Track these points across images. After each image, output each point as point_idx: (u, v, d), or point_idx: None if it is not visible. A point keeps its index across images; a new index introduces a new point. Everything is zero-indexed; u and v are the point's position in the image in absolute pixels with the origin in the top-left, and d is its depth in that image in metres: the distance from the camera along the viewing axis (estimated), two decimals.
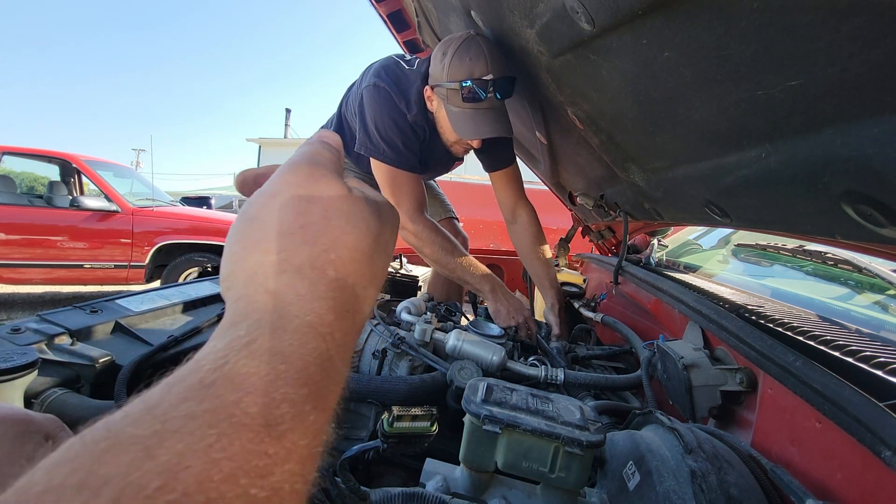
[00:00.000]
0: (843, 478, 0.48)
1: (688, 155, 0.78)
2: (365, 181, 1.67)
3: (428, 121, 1.32)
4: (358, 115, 1.33)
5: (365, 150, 1.33)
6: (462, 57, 1.15)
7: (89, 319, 0.81)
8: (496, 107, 1.21)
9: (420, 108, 1.29)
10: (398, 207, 1.29)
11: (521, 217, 1.51)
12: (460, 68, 1.15)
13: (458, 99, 1.18)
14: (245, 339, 0.20)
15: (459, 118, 1.22)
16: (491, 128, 1.21)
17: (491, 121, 1.21)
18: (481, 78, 1.14)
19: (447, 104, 1.22)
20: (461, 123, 1.22)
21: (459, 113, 1.21)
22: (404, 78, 1.30)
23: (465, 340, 0.90)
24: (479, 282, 1.31)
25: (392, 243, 0.31)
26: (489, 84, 1.15)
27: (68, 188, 4.47)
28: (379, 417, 0.72)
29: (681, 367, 0.73)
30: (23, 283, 4.03)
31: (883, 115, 0.41)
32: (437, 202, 1.85)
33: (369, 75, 1.31)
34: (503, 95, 1.19)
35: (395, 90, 1.28)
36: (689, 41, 0.53)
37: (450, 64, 1.16)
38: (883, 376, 0.54)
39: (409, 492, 0.53)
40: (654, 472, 0.52)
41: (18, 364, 0.57)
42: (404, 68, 1.31)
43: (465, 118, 1.21)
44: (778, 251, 1.29)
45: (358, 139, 1.34)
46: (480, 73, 1.14)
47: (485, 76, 1.14)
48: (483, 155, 1.49)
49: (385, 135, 1.29)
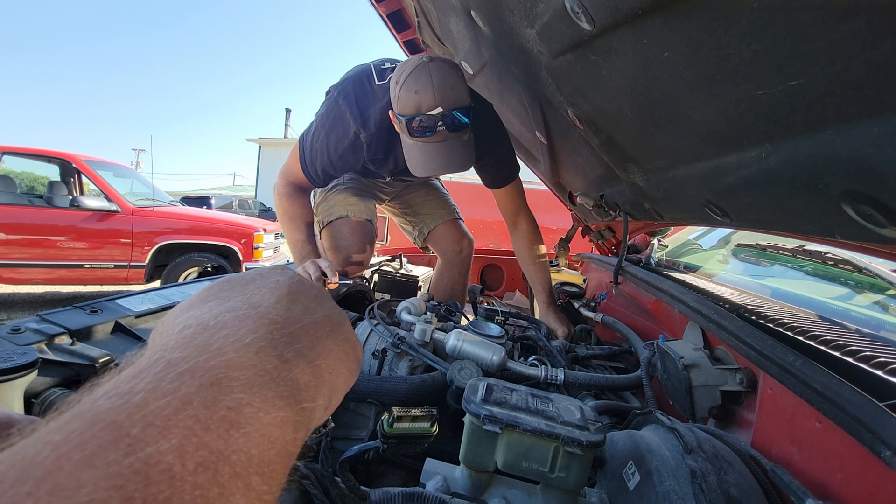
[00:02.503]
0: (843, 478, 0.48)
1: (688, 155, 0.78)
2: (365, 183, 1.67)
3: (391, 134, 1.28)
4: (316, 115, 1.34)
5: (300, 140, 1.35)
6: (409, 89, 1.09)
7: (89, 319, 0.81)
8: (450, 139, 1.14)
9: (379, 126, 1.25)
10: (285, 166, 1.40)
11: (521, 225, 1.51)
12: (407, 102, 1.10)
13: (408, 133, 1.15)
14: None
15: (411, 151, 1.18)
16: (440, 164, 1.16)
17: (442, 155, 1.15)
18: (427, 113, 1.09)
19: (402, 134, 1.19)
20: (412, 157, 1.19)
21: (411, 146, 1.17)
22: (370, 95, 1.27)
23: (465, 340, 0.90)
24: (294, 247, 1.39)
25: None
26: (436, 119, 1.10)
27: (68, 188, 4.47)
28: (379, 417, 0.72)
29: (681, 367, 0.73)
30: (23, 283, 4.03)
31: (883, 115, 0.41)
32: (442, 203, 1.83)
33: (337, 87, 1.30)
34: (454, 129, 1.12)
35: (354, 108, 1.25)
36: (689, 41, 0.53)
37: (398, 96, 1.12)
38: (883, 376, 0.54)
39: (409, 492, 0.53)
40: (654, 472, 0.52)
41: (18, 364, 0.57)
42: (374, 83, 1.28)
43: (415, 152, 1.17)
44: (778, 251, 1.29)
45: (306, 129, 1.36)
46: (427, 108, 1.08)
47: (432, 111, 1.09)
48: (484, 174, 1.47)
49: (313, 147, 1.30)
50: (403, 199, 1.84)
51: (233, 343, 0.22)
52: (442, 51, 1.68)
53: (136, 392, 0.17)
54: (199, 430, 0.17)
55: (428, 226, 1.79)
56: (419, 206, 1.82)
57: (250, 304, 0.26)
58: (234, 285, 0.28)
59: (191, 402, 0.18)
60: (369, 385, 0.80)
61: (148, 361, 0.19)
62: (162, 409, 0.17)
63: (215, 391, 0.19)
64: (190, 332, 0.22)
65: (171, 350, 0.20)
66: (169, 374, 0.19)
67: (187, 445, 0.16)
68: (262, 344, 0.23)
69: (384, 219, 3.80)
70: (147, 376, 0.18)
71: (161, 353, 0.20)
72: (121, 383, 0.18)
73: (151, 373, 0.19)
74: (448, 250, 1.78)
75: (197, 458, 0.16)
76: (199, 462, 0.16)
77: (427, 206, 1.81)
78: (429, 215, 1.80)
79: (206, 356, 0.20)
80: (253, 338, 0.23)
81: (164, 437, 0.16)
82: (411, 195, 1.84)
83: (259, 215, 13.70)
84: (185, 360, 0.19)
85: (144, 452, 0.15)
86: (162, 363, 0.19)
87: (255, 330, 0.23)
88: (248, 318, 0.24)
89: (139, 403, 0.17)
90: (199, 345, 0.21)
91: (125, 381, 0.18)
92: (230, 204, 15.15)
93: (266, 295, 0.27)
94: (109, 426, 0.16)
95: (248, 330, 0.23)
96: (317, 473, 0.50)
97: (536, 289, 1.49)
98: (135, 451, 0.15)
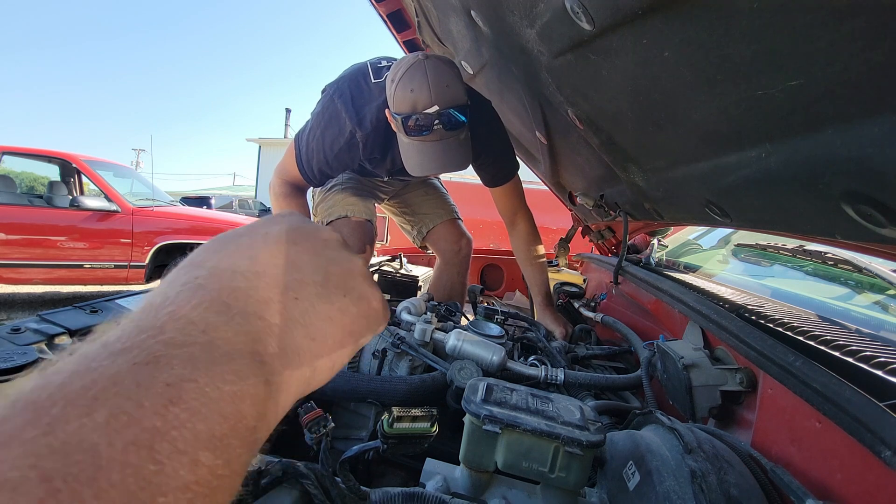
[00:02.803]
0: (843, 478, 0.48)
1: (688, 155, 0.78)
2: (364, 183, 1.67)
3: (388, 133, 1.27)
4: (312, 113, 1.33)
5: (296, 139, 1.33)
6: (405, 87, 1.07)
7: (89, 319, 0.81)
8: (446, 138, 1.13)
9: (376, 125, 1.24)
10: (281, 164, 1.39)
11: (519, 225, 1.51)
12: (403, 101, 1.09)
13: (404, 133, 1.13)
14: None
15: (407, 150, 1.17)
16: (437, 164, 1.15)
17: (439, 154, 1.14)
18: (424, 112, 1.07)
19: (398, 133, 1.17)
20: (408, 157, 1.17)
21: (408, 145, 1.16)
22: (366, 94, 1.26)
23: (465, 340, 0.90)
24: None
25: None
26: (432, 118, 1.08)
27: (68, 188, 4.47)
28: (379, 417, 0.72)
29: (681, 367, 0.73)
30: (23, 283, 4.03)
31: (883, 115, 0.41)
32: (441, 202, 1.83)
33: (333, 86, 1.30)
34: (451, 127, 1.11)
35: (350, 107, 1.24)
36: (689, 41, 0.53)
37: (394, 95, 1.10)
38: (883, 376, 0.54)
39: (409, 492, 0.53)
40: (654, 472, 0.52)
41: (18, 364, 0.57)
42: (370, 81, 1.27)
43: (412, 151, 1.16)
44: (778, 251, 1.30)
45: (301, 128, 1.35)
46: (423, 106, 1.07)
47: (427, 109, 1.07)
48: (482, 172, 1.46)
49: (309, 146, 1.29)
50: (403, 199, 1.84)
51: (177, 320, 0.21)
52: (442, 50, 1.68)
53: (62, 372, 0.17)
54: (130, 407, 0.16)
55: (427, 225, 1.79)
56: (418, 205, 1.82)
57: (213, 271, 0.24)
58: (218, 244, 0.26)
59: (121, 381, 0.17)
60: (369, 385, 0.80)
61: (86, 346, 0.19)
62: (87, 388, 0.16)
63: (151, 369, 0.18)
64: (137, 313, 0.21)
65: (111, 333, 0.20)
66: (101, 355, 0.18)
67: (115, 424, 0.16)
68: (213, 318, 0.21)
69: (384, 219, 3.80)
70: (77, 358, 0.18)
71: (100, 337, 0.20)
72: (49, 367, 0.18)
73: (82, 354, 0.18)
74: (447, 250, 1.78)
75: (127, 436, 0.16)
76: (130, 440, 0.16)
77: (426, 206, 1.81)
78: (427, 215, 1.80)
79: (146, 336, 0.19)
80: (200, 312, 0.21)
81: (88, 415, 0.16)
82: (410, 194, 1.83)
83: (259, 215, 13.69)
84: (120, 341, 0.19)
85: (64, 431, 0.15)
86: (97, 345, 0.19)
87: (207, 303, 0.22)
88: (202, 290, 0.22)
89: (62, 383, 0.17)
90: (140, 325, 0.20)
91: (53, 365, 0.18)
92: (230, 204, 15.16)
93: (240, 256, 0.25)
94: (29, 406, 0.16)
95: (198, 303, 0.22)
96: (317, 473, 0.50)
97: (534, 290, 1.49)
98: (53, 430, 0.15)
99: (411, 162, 1.18)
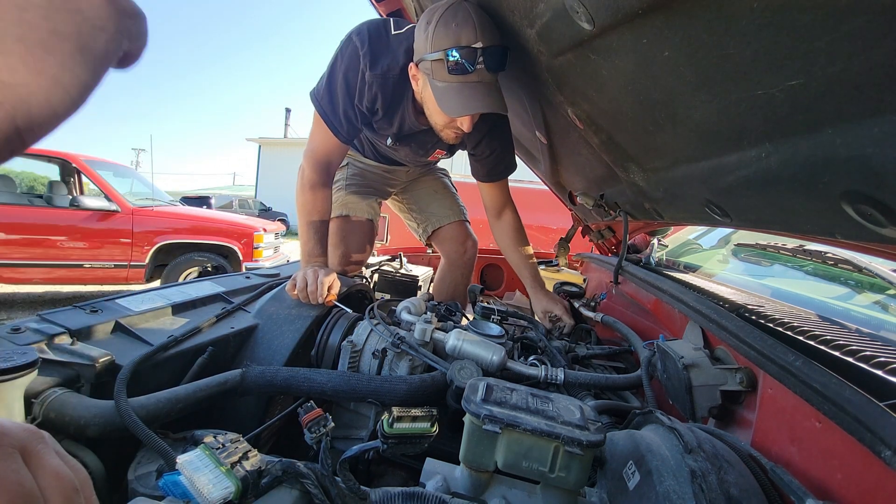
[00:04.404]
0: (843, 477, 0.48)
1: (688, 155, 0.78)
2: (368, 178, 1.66)
3: (398, 90, 1.23)
4: (328, 64, 1.27)
5: (314, 98, 1.28)
6: (447, 23, 1.02)
7: (89, 319, 0.81)
8: (487, 81, 1.07)
9: (386, 73, 1.18)
10: (308, 145, 1.31)
11: (506, 216, 1.51)
12: (445, 36, 1.02)
13: (444, 72, 1.05)
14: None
15: (445, 94, 1.08)
16: (481, 103, 1.07)
17: (481, 95, 1.07)
18: (469, 46, 1.01)
19: (432, 79, 1.09)
20: (447, 99, 1.08)
21: (445, 88, 1.08)
22: (384, 41, 1.20)
23: (465, 340, 0.90)
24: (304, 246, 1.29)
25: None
26: (478, 53, 1.02)
27: (68, 188, 4.47)
28: (379, 417, 0.72)
29: (681, 367, 0.73)
30: (23, 282, 4.03)
31: (883, 115, 0.41)
32: (450, 203, 1.81)
33: (353, 29, 1.24)
34: (494, 67, 1.05)
35: (366, 46, 1.18)
36: (689, 41, 0.53)
37: (434, 32, 1.03)
38: (883, 376, 0.54)
39: (409, 491, 0.53)
40: (654, 471, 0.52)
41: (18, 364, 0.57)
42: (390, 32, 1.21)
43: (451, 93, 1.07)
44: (778, 251, 1.30)
45: (316, 85, 1.29)
46: (468, 41, 1.01)
47: (473, 44, 1.01)
48: (479, 164, 1.43)
49: (331, 93, 1.23)
50: (411, 194, 1.83)
51: None
52: None
53: None
54: None
55: (433, 224, 1.78)
56: (427, 203, 1.81)
57: None
58: None
59: None
60: (369, 385, 0.80)
61: None
62: None
63: None
64: None
65: None
66: None
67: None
68: None
69: (384, 218, 3.79)
70: None
71: None
72: None
73: None
74: (452, 251, 1.77)
75: None
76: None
77: (434, 205, 1.80)
78: (435, 214, 1.79)
79: None
80: None
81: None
82: (420, 190, 1.82)
83: (259, 215, 13.71)
84: None
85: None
86: None
87: None
88: None
89: None
90: None
91: None
92: (230, 204, 15.17)
93: None
94: None
95: None
96: (317, 473, 0.50)
97: (524, 274, 1.49)
98: None
99: (450, 103, 1.09)
